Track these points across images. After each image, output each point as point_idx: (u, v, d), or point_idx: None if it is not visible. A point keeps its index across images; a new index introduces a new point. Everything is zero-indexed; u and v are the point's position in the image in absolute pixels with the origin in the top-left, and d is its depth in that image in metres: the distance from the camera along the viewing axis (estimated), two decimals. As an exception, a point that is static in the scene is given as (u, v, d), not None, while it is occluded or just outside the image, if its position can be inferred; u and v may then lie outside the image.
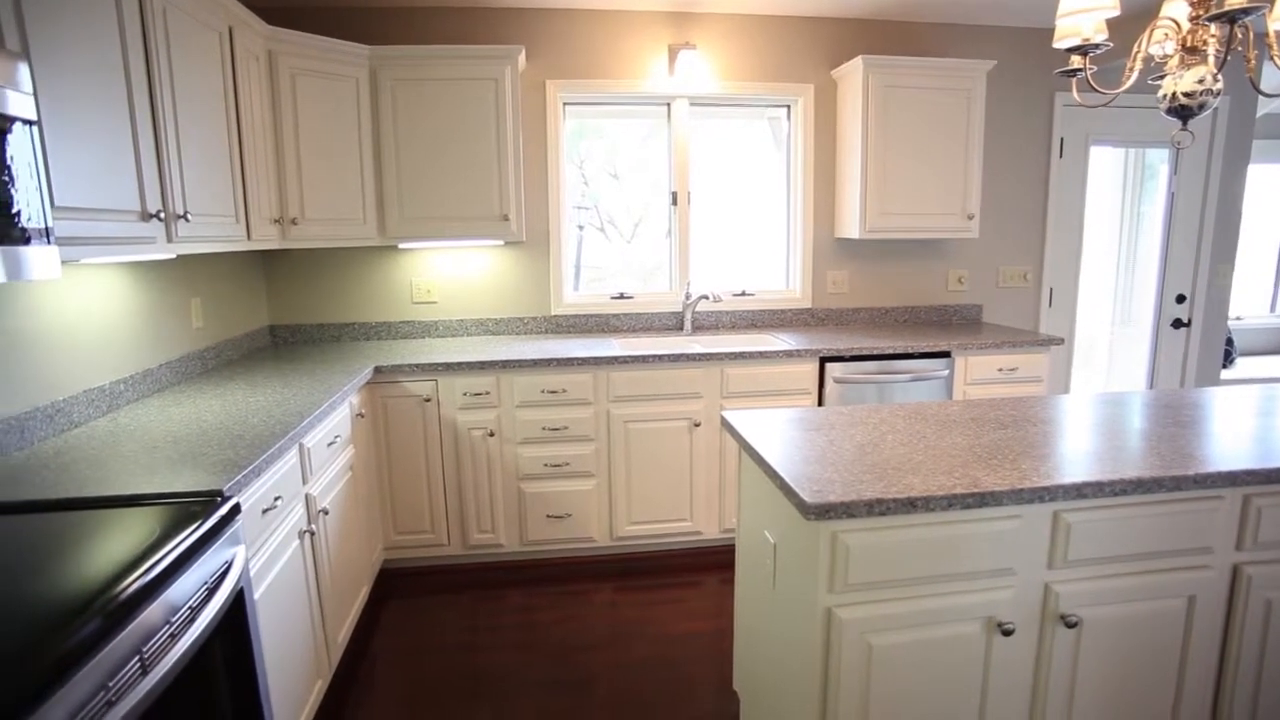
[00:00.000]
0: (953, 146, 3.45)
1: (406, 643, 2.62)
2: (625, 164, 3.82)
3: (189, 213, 2.10)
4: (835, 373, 3.20)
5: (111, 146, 1.74)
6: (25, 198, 1.30)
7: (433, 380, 2.98)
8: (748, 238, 3.93)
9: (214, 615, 1.30)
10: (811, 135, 3.70)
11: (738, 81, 3.61)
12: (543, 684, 2.37)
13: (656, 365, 3.08)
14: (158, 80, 1.95)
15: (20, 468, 1.68)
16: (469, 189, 3.16)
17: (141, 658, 1.13)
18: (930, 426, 1.90)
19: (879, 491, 1.44)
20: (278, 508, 1.86)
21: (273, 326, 3.54)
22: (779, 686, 1.75)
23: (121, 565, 1.19)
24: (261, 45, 2.71)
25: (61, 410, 1.97)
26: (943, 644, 1.52)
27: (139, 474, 1.62)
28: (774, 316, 3.85)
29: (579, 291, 3.82)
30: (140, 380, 2.37)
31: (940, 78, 3.38)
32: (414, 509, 3.06)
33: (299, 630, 1.99)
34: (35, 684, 0.91)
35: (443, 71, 3.07)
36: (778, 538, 1.71)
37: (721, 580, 3.04)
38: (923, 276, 3.94)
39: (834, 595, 1.48)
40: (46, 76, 1.50)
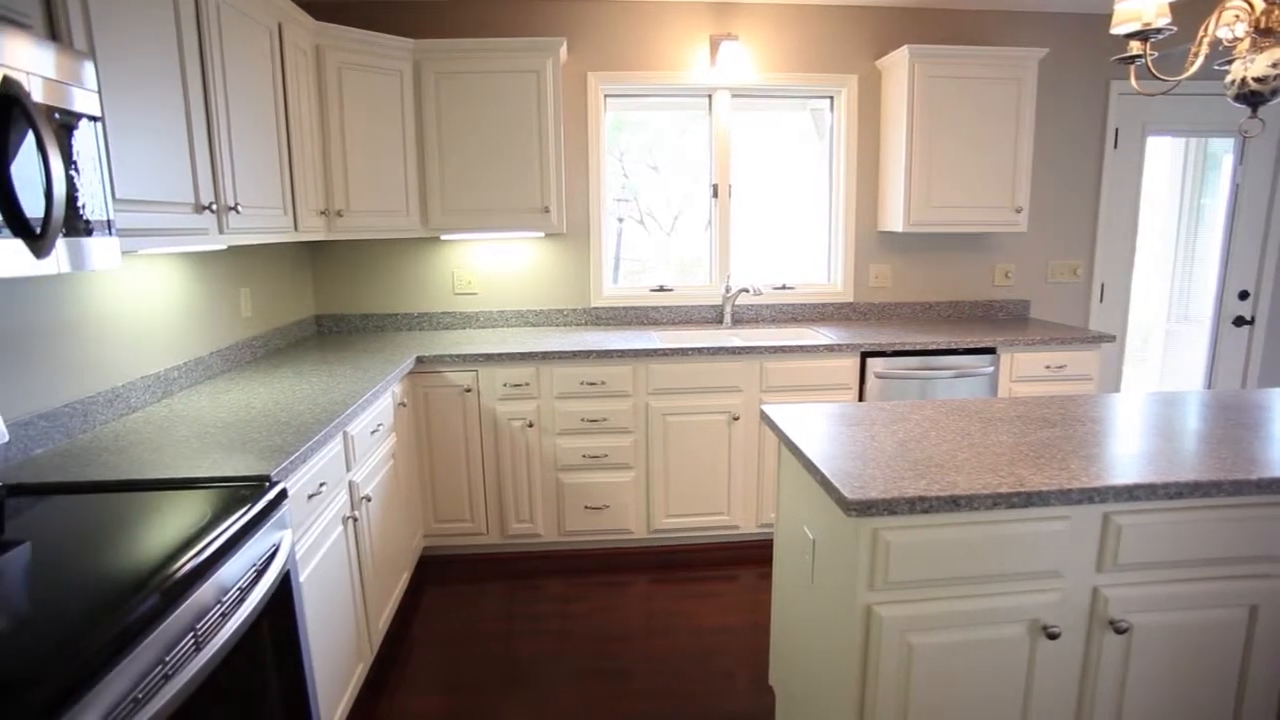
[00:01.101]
0: (1001, 138, 3.36)
1: (445, 629, 2.66)
2: (665, 156, 3.80)
3: (240, 205, 2.15)
4: (876, 368, 3.15)
5: (168, 141, 1.79)
6: (89, 191, 1.35)
7: (473, 371, 3.01)
8: (788, 231, 3.89)
9: (262, 596, 1.34)
10: (855, 126, 3.65)
11: (780, 72, 3.57)
12: (579, 673, 2.39)
13: (696, 358, 3.07)
14: (211, 76, 2.00)
15: (84, 450, 1.75)
16: (510, 181, 3.18)
17: (195, 635, 1.17)
18: (974, 424, 1.86)
19: (921, 489, 1.42)
20: (322, 493, 1.91)
21: (318, 316, 3.62)
22: (816, 683, 1.73)
23: (176, 546, 1.23)
24: (309, 40, 2.76)
25: (121, 395, 2.04)
26: (985, 646, 1.49)
27: (192, 458, 1.67)
28: (815, 310, 3.80)
29: (618, 284, 3.82)
30: (193, 367, 2.44)
31: (989, 67, 3.29)
32: (454, 497, 3.11)
33: (342, 613, 2.04)
34: (102, 654, 0.95)
35: (485, 64, 3.09)
36: (817, 533, 1.69)
37: (758, 575, 3.03)
38: (968, 271, 3.86)
39: (874, 593, 1.46)
40: (109, 74, 1.55)
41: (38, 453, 1.72)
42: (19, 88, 1.16)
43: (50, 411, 1.77)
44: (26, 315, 1.73)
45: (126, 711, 0.99)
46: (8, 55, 1.16)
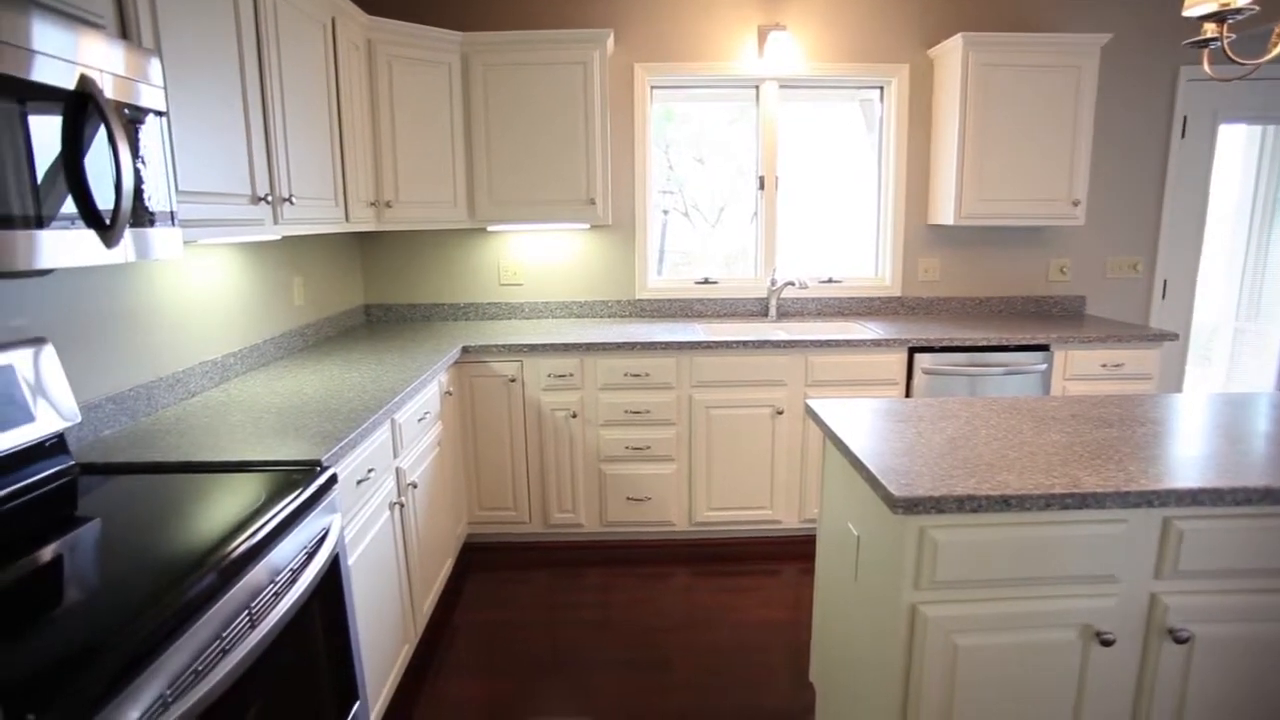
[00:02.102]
0: (1059, 128, 3.25)
1: (487, 615, 2.70)
2: (711, 148, 3.78)
3: (293, 196, 2.21)
4: (924, 364, 3.09)
5: (226, 134, 1.84)
6: (154, 183, 1.40)
7: (518, 361, 3.04)
8: (836, 223, 3.83)
9: (313, 578, 1.37)
10: (905, 117, 3.57)
11: (829, 62, 3.51)
12: (619, 663, 2.41)
13: (740, 351, 3.05)
14: (268, 72, 2.05)
15: (147, 432, 1.82)
16: (557, 172, 3.20)
17: (250, 613, 1.21)
18: (1026, 422, 1.81)
19: (971, 488, 1.39)
20: (370, 479, 1.95)
21: (367, 305, 3.70)
22: (858, 681, 1.72)
23: (232, 527, 1.27)
24: (361, 34, 2.81)
25: (181, 380, 2.12)
26: (1035, 649, 1.45)
27: (246, 442, 1.72)
28: (862, 304, 3.75)
29: (663, 276, 3.82)
30: (248, 354, 2.51)
31: (1048, 54, 3.18)
32: (497, 486, 3.15)
33: (388, 597, 2.09)
34: (165, 627, 0.99)
35: (533, 56, 3.11)
36: (862, 530, 1.67)
37: (800, 571, 3.00)
38: (1021, 265, 3.75)
39: (920, 592, 1.43)
40: (173, 70, 1.60)
41: (106, 434, 1.80)
42: (94, 85, 1.21)
43: (117, 395, 1.85)
44: (96, 303, 1.81)
45: (188, 682, 1.03)
46: (83, 54, 1.21)
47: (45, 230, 1.14)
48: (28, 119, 1.11)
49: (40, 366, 1.51)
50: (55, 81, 1.15)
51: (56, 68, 1.15)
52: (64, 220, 1.17)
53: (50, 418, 1.50)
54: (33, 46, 1.11)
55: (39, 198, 1.13)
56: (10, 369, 1.44)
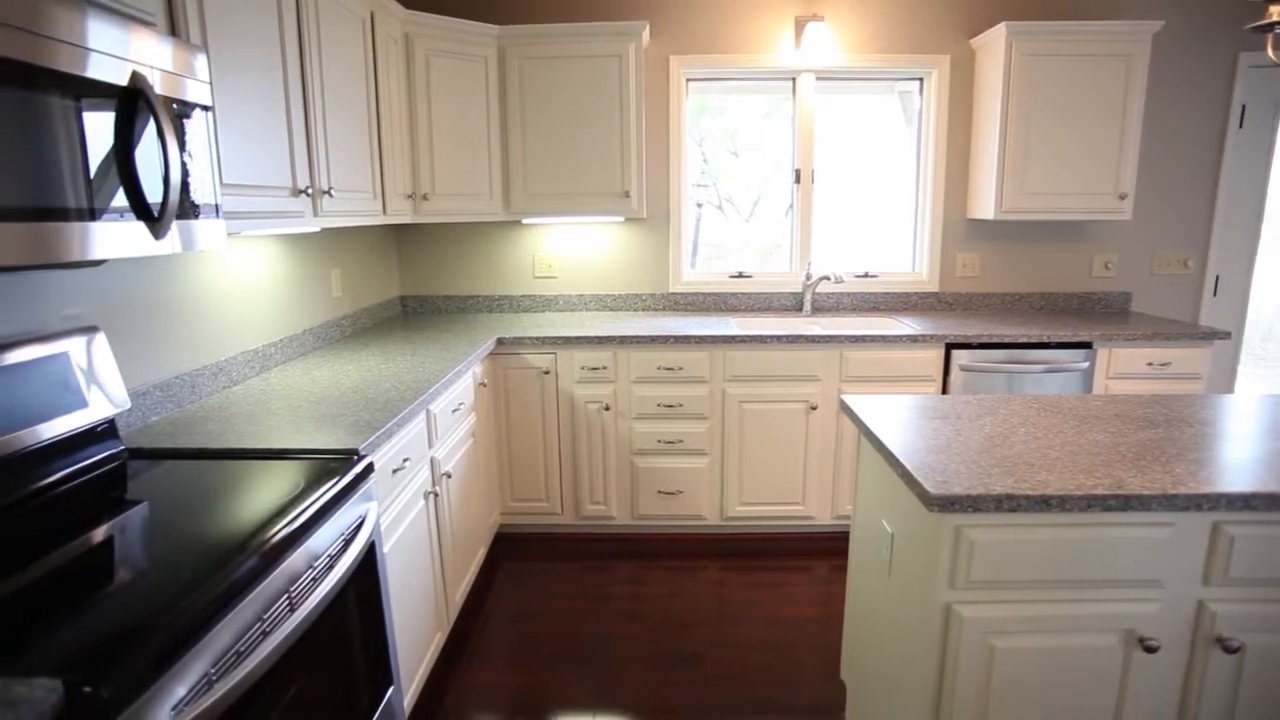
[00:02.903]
0: (1106, 119, 3.16)
1: (519, 605, 2.73)
2: (745, 141, 3.75)
3: (333, 189, 2.25)
4: (961, 360, 3.03)
5: (268, 128, 1.88)
6: (199, 176, 1.43)
7: (552, 353, 3.06)
8: (872, 217, 3.78)
9: (350, 565, 1.40)
10: (945, 109, 3.50)
11: (867, 54, 3.45)
12: (648, 655, 2.42)
13: (774, 346, 3.03)
14: (309, 67, 2.09)
15: (191, 419, 1.87)
16: (591, 165, 3.20)
17: (290, 597, 1.23)
18: (1068, 421, 1.77)
19: (1009, 487, 1.36)
20: (406, 468, 1.98)
21: (403, 297, 3.75)
22: (890, 680, 1.70)
23: (272, 513, 1.30)
24: (399, 28, 2.84)
25: (223, 369, 2.17)
26: (1075, 653, 1.42)
27: (286, 430, 1.76)
28: (898, 300, 3.69)
29: (696, 269, 3.80)
30: (287, 344, 2.57)
31: (1096, 43, 3.09)
32: (530, 477, 3.18)
33: (422, 585, 2.12)
34: (210, 608, 1.02)
35: (568, 49, 3.11)
36: (896, 527, 1.65)
37: (831, 567, 2.98)
38: (1063, 261, 3.66)
39: (955, 591, 1.41)
40: (217, 65, 1.64)
41: (153, 420, 1.85)
42: (145, 82, 1.24)
43: (164, 382, 1.90)
44: (143, 293, 1.86)
45: (230, 663, 1.06)
46: (134, 51, 1.24)
47: (97, 222, 1.17)
48: (82, 114, 1.14)
49: (93, 354, 1.56)
50: (108, 78, 1.18)
51: (110, 64, 1.19)
52: (114, 213, 1.21)
53: (102, 404, 1.55)
54: (88, 44, 1.14)
55: (92, 191, 1.16)
56: (65, 356, 1.49)
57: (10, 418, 1.34)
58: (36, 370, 1.42)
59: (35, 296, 1.53)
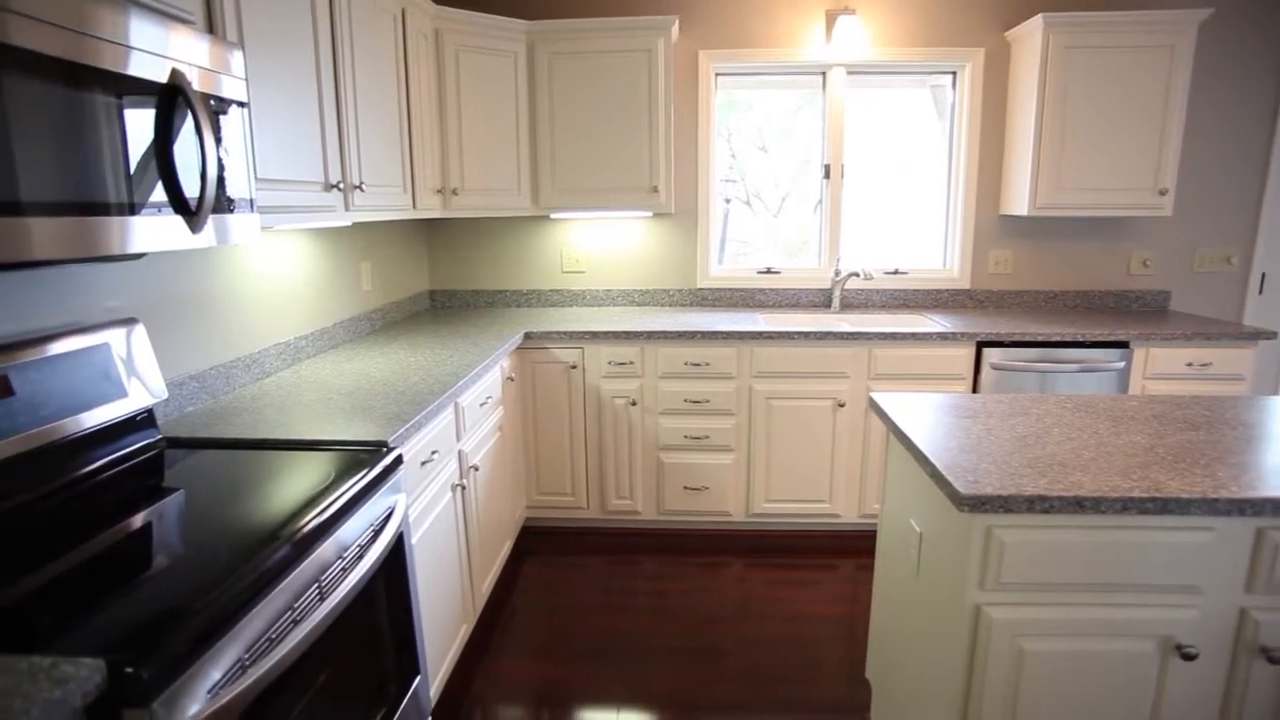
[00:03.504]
0: (1147, 112, 3.08)
1: (544, 598, 2.75)
2: (774, 136, 3.72)
3: (364, 183, 2.27)
4: (993, 359, 2.99)
5: (301, 123, 1.90)
6: (235, 171, 1.46)
7: (579, 348, 3.07)
8: (902, 213, 3.73)
9: (379, 555, 1.42)
10: (979, 103, 3.44)
11: (899, 47, 3.40)
12: (672, 650, 2.42)
13: (802, 342, 3.01)
14: (342, 62, 2.11)
15: (225, 409, 1.91)
16: (620, 160, 3.20)
17: (320, 586, 1.25)
18: (1103, 421, 1.74)
19: (1042, 488, 1.34)
20: (434, 461, 2.00)
21: (432, 291, 3.78)
22: (916, 681, 1.68)
23: (303, 503, 1.32)
24: (429, 24, 2.86)
25: (257, 361, 2.21)
26: (1108, 659, 1.40)
27: (317, 421, 1.79)
28: (928, 297, 3.64)
29: (724, 265, 3.79)
30: (318, 337, 2.60)
31: (1137, 34, 3.01)
32: (556, 471, 3.19)
33: (449, 576, 2.14)
34: (243, 595, 1.04)
35: (597, 44, 3.11)
36: (924, 527, 1.63)
37: (858, 566, 2.96)
38: (1099, 258, 3.58)
39: (984, 592, 1.39)
40: (253, 62, 1.66)
41: (189, 410, 1.89)
42: (184, 79, 1.26)
43: (199, 373, 1.94)
44: (179, 286, 1.90)
45: (263, 649, 1.08)
46: (173, 49, 1.26)
47: (137, 216, 1.20)
48: (123, 111, 1.16)
49: (132, 345, 1.59)
50: (149, 75, 1.21)
51: (151, 62, 1.21)
52: (152, 207, 1.23)
53: (141, 394, 1.58)
54: (130, 43, 1.16)
55: (131, 186, 1.19)
56: (106, 347, 1.52)
57: (54, 407, 1.37)
58: (79, 361, 1.45)
59: (78, 289, 1.57)
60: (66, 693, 0.78)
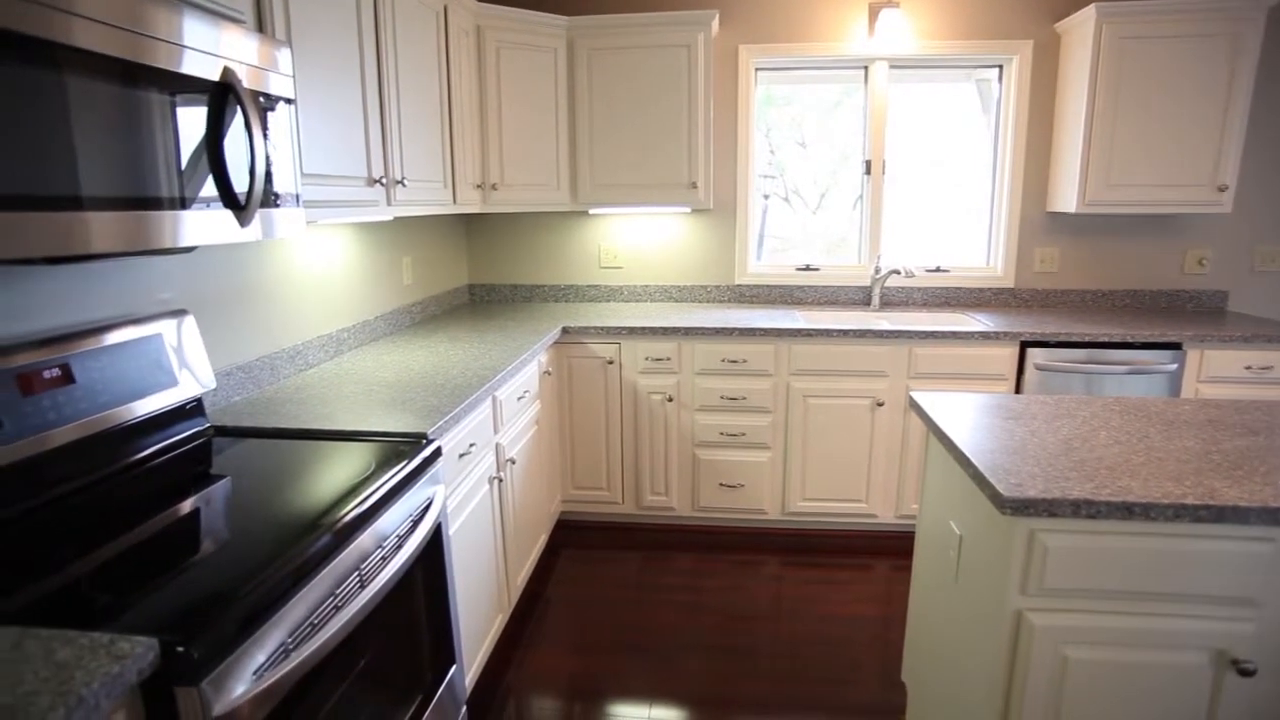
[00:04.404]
0: (1207, 105, 2.96)
1: (578, 592, 2.76)
2: (813, 132, 3.68)
3: (406, 178, 2.30)
4: (1037, 359, 2.91)
5: (345, 120, 1.94)
6: (282, 167, 1.49)
7: (616, 343, 3.08)
8: (945, 210, 3.66)
9: (417, 546, 1.44)
10: (1026, 96, 3.35)
11: (944, 40, 3.33)
12: (705, 647, 2.42)
13: (841, 340, 2.97)
14: (385, 59, 2.14)
15: (270, 399, 1.95)
16: (659, 155, 3.20)
17: (360, 574, 1.28)
18: (1154, 425, 1.68)
19: (1088, 492, 1.30)
20: (472, 453, 2.02)
21: (471, 285, 3.82)
22: (953, 685, 1.65)
23: (344, 492, 1.35)
24: (471, 21, 2.89)
25: (300, 353, 2.26)
26: (1157, 670, 1.35)
27: (358, 413, 1.82)
28: (970, 295, 3.57)
29: (762, 261, 3.76)
30: (360, 330, 2.65)
31: (1199, 22, 2.90)
32: (592, 466, 3.21)
33: (485, 568, 2.17)
34: (286, 581, 1.07)
35: (637, 39, 3.10)
36: (964, 529, 1.60)
37: (894, 567, 2.92)
38: (1151, 256, 3.46)
39: (1026, 598, 1.36)
40: (299, 59, 1.70)
41: (235, 400, 1.94)
42: (234, 76, 1.29)
43: (246, 364, 1.99)
44: (227, 278, 1.95)
45: (305, 634, 1.10)
46: (224, 47, 1.29)
47: (187, 211, 1.23)
48: (176, 108, 1.20)
49: (183, 336, 1.64)
50: (202, 73, 1.24)
51: (203, 61, 1.24)
52: (202, 202, 1.27)
53: (190, 383, 1.63)
54: (184, 42, 1.19)
55: (183, 181, 1.22)
56: (159, 338, 1.57)
57: (110, 394, 1.42)
58: (133, 350, 1.50)
59: (132, 281, 1.62)
60: (124, 668, 0.81)
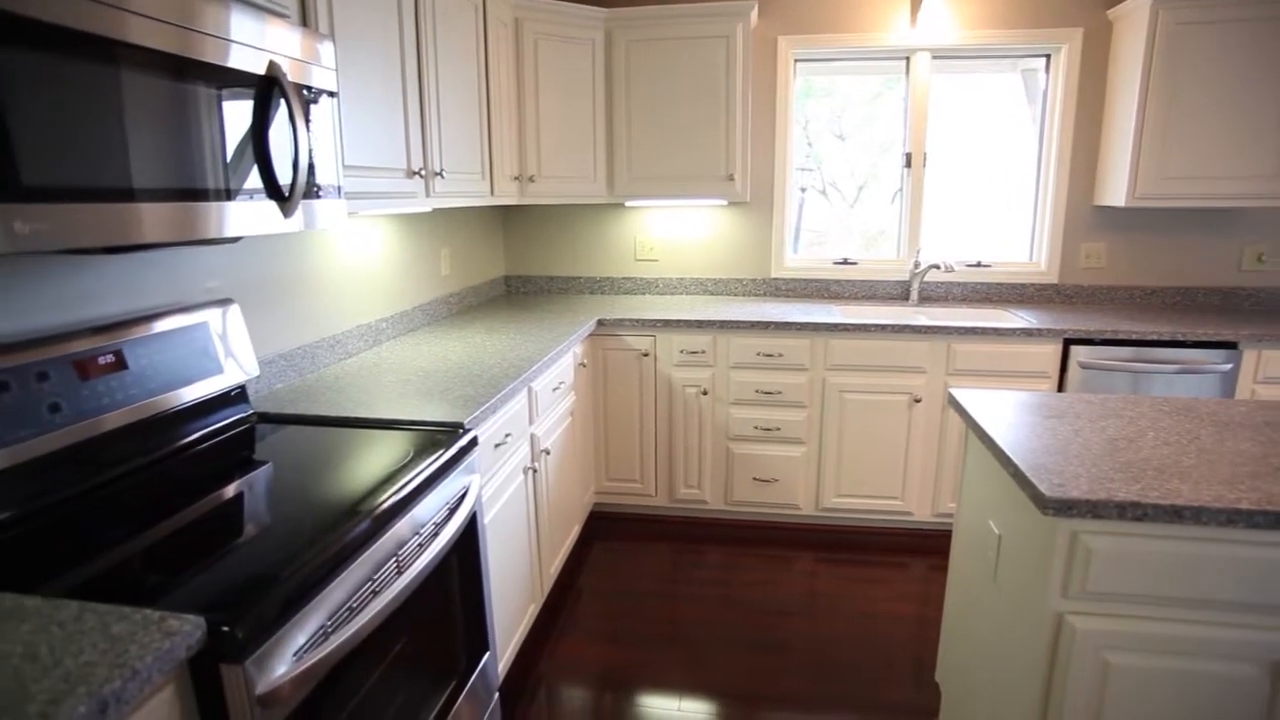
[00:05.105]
0: (1268, 92, 2.83)
1: (609, 583, 2.78)
2: (852, 124, 3.62)
3: (444, 170, 2.32)
4: (1081, 357, 2.84)
5: (385, 112, 1.96)
6: (324, 158, 1.51)
7: (651, 336, 3.08)
8: (986, 204, 3.58)
9: (453, 534, 1.46)
10: (1074, 86, 3.26)
11: (989, 30, 3.25)
12: (736, 641, 2.41)
13: (878, 335, 2.93)
14: (425, 51, 2.16)
15: (310, 387, 1.99)
16: (696, 148, 3.18)
17: (398, 560, 1.30)
18: (1206, 427, 1.63)
19: (1135, 494, 1.27)
20: (507, 443, 2.04)
21: (508, 277, 3.85)
22: (990, 687, 1.62)
23: (382, 479, 1.37)
24: (510, 13, 2.90)
25: (340, 342, 2.30)
26: (1207, 680, 1.31)
27: (396, 401, 1.85)
28: (1012, 291, 3.49)
29: (798, 255, 3.72)
30: (398, 320, 2.69)
31: (1260, 4, 2.76)
32: (625, 458, 3.22)
33: (518, 557, 2.19)
34: (326, 565, 1.09)
35: (675, 30, 3.09)
36: (1004, 529, 1.57)
37: (929, 566, 2.88)
38: (1205, 252, 3.34)
39: (1068, 600, 1.33)
40: (341, 52, 1.72)
41: (277, 387, 1.99)
42: (279, 70, 1.32)
43: (288, 352, 2.03)
44: (270, 269, 1.99)
45: (344, 617, 1.12)
46: (269, 41, 1.32)
47: (233, 202, 1.26)
48: (222, 102, 1.22)
49: (228, 324, 1.68)
50: (248, 67, 1.26)
51: (249, 55, 1.26)
52: (246, 193, 1.29)
53: (235, 371, 1.67)
54: (230, 36, 1.22)
55: (228, 173, 1.25)
56: (205, 326, 1.61)
57: (160, 381, 1.46)
58: (181, 338, 1.54)
59: (180, 270, 1.66)
60: (174, 644, 0.84)
